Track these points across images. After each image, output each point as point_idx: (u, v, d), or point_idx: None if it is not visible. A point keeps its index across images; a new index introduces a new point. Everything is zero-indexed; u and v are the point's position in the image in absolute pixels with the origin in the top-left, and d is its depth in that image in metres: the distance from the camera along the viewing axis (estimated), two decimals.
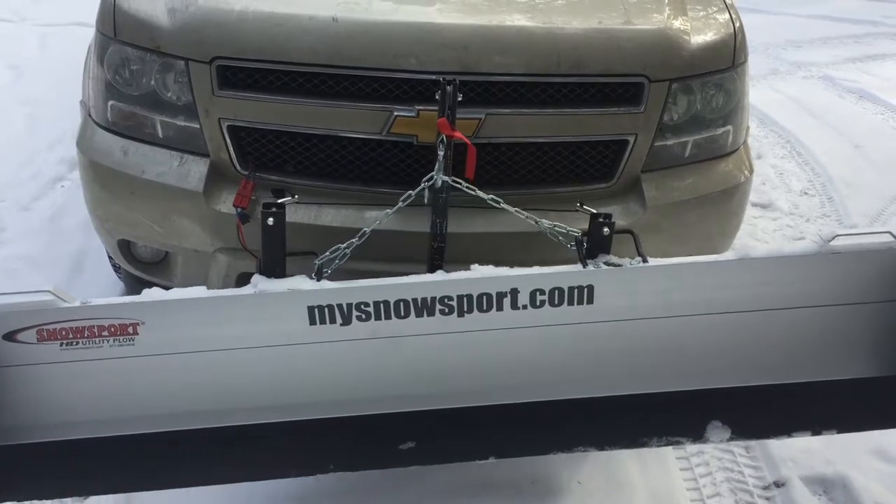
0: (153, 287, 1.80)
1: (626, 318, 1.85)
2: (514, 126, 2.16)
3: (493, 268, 1.81)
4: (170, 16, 2.14)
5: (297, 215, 2.15)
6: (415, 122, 2.07)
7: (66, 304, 1.70)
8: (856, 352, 1.91)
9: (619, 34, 2.18)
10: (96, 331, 1.72)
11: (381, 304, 1.77)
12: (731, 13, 2.42)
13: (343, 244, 1.87)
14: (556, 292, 1.79)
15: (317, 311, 1.76)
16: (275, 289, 1.76)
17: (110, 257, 2.83)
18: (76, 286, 3.27)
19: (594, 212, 1.90)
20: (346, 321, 1.78)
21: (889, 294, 1.86)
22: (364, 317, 1.78)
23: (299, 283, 1.77)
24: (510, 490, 2.39)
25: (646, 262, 1.82)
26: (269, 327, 1.79)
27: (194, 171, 2.22)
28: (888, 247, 1.81)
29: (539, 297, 1.79)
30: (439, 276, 1.81)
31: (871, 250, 1.81)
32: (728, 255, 1.86)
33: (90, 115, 2.40)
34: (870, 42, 8.38)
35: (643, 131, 2.25)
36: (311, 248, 1.89)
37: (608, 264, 1.81)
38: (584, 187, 2.30)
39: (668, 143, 2.33)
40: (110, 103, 2.28)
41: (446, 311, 1.78)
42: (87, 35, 2.50)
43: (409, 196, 1.92)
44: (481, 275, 1.79)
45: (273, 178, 2.21)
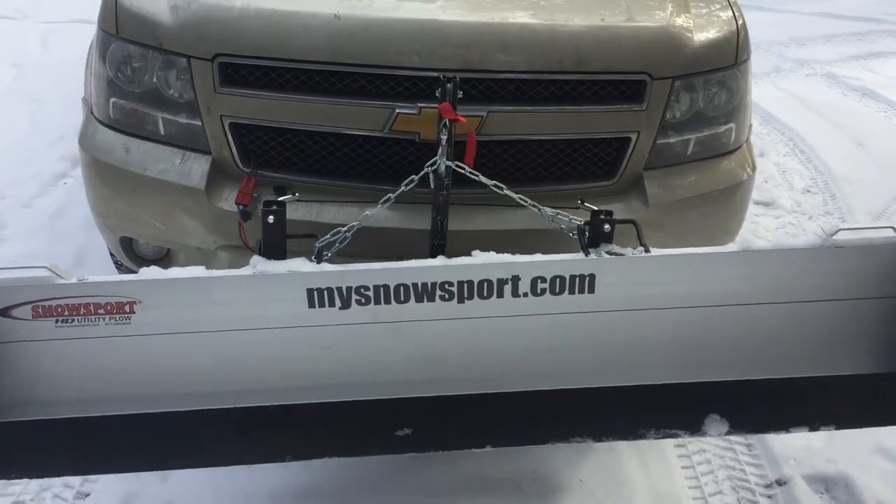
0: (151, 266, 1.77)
1: (626, 308, 1.84)
2: (516, 123, 2.15)
3: (495, 254, 1.80)
4: (172, 13, 2.14)
5: (298, 213, 2.14)
6: (417, 120, 2.07)
7: (63, 281, 1.68)
8: (856, 347, 1.91)
9: (622, 32, 2.18)
10: (92, 308, 1.70)
11: (381, 289, 1.76)
12: (733, 10, 2.42)
13: (344, 227, 1.87)
14: (558, 280, 1.79)
15: (316, 293, 1.75)
16: (274, 270, 1.74)
17: (112, 255, 2.83)
18: None
19: (595, 209, 1.90)
20: (346, 305, 1.77)
21: (890, 290, 1.86)
22: (363, 301, 1.77)
23: (299, 265, 1.76)
24: (511, 487, 2.39)
25: (648, 252, 1.82)
26: (268, 309, 1.77)
27: (196, 169, 2.22)
28: (890, 242, 1.80)
29: (540, 285, 1.79)
30: (440, 261, 1.81)
31: (874, 245, 1.80)
32: (731, 247, 1.85)
33: (92, 113, 2.40)
34: (873, 40, 8.37)
35: (645, 129, 2.25)
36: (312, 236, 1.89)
37: (610, 253, 1.81)
38: (587, 185, 2.30)
39: (671, 140, 2.33)
40: (112, 100, 2.28)
41: (446, 296, 1.78)
42: (90, 32, 2.50)
43: (411, 180, 1.91)
44: (482, 260, 1.79)
45: (275, 175, 2.21)
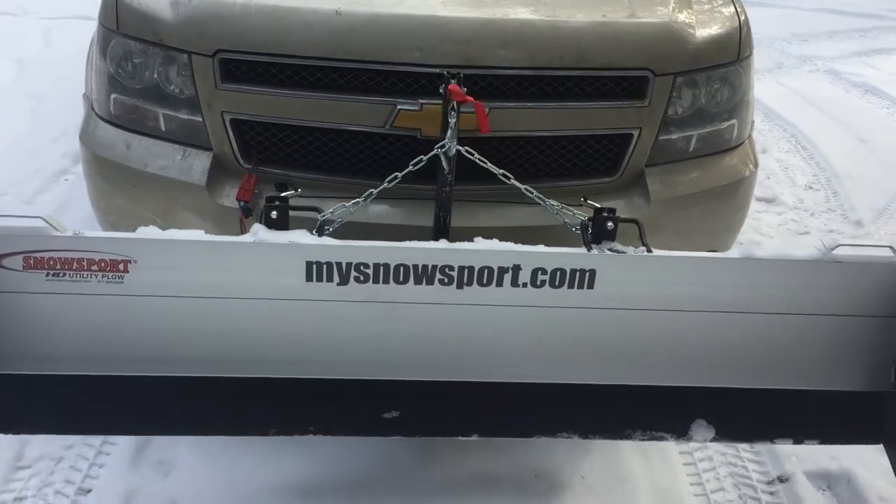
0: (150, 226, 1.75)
1: (623, 307, 1.84)
2: (517, 120, 2.15)
3: (498, 241, 1.80)
4: (172, 9, 2.14)
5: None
6: (418, 116, 2.07)
7: (57, 233, 1.65)
8: (846, 364, 1.91)
9: (624, 28, 2.17)
10: (85, 264, 1.67)
11: (381, 267, 1.75)
12: (736, 6, 2.41)
13: (348, 203, 1.86)
14: (558, 273, 1.78)
15: (315, 267, 1.74)
16: (275, 239, 1.73)
17: None
18: None
19: (598, 206, 1.89)
20: (344, 281, 1.76)
21: (885, 309, 1.86)
22: (362, 278, 1.75)
23: (300, 237, 1.75)
24: (513, 484, 2.39)
25: (650, 251, 1.82)
26: (264, 279, 1.75)
27: (197, 165, 2.22)
28: (889, 262, 1.81)
29: (540, 277, 1.78)
30: (443, 244, 1.80)
31: (872, 263, 1.81)
32: (731, 253, 1.86)
33: (93, 109, 2.40)
34: (876, 36, 8.35)
35: (647, 125, 2.24)
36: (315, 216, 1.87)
37: (612, 251, 1.82)
38: (588, 181, 2.30)
39: (673, 137, 2.32)
40: (113, 97, 2.28)
41: (446, 280, 1.77)
42: (91, 28, 2.49)
43: (419, 160, 1.90)
44: (485, 247, 1.78)
45: (276, 171, 2.21)
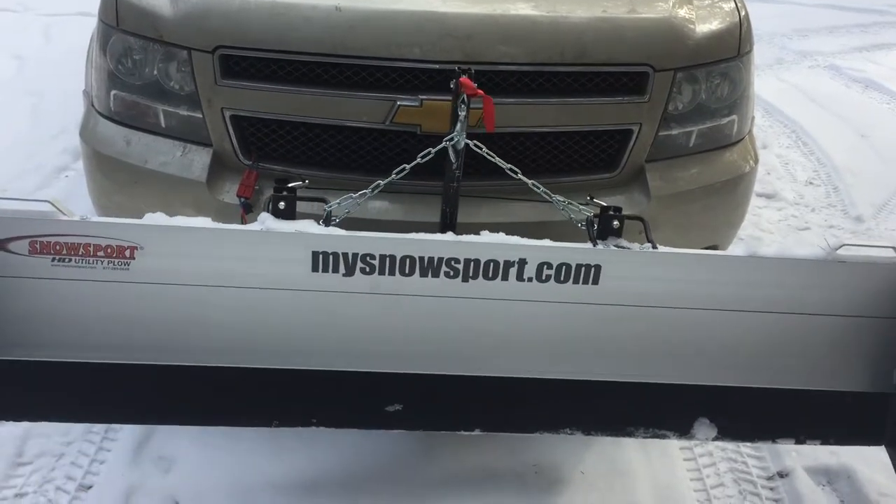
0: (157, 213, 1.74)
1: (627, 303, 1.84)
2: (518, 115, 2.15)
3: (504, 235, 1.80)
4: (172, 5, 2.13)
5: (300, 206, 2.13)
6: (418, 112, 2.07)
7: (65, 218, 1.64)
8: (849, 365, 1.91)
9: (624, 23, 2.17)
10: (91, 250, 1.66)
11: (387, 259, 1.74)
12: (736, 1, 2.40)
13: (355, 193, 1.85)
14: (564, 268, 1.78)
15: (321, 257, 1.73)
16: (282, 228, 1.73)
17: None
18: None
19: (604, 204, 1.90)
20: (349, 272, 1.75)
21: (889, 310, 1.87)
22: (368, 269, 1.75)
23: (307, 227, 1.74)
24: (514, 479, 2.39)
25: (655, 248, 1.82)
26: (270, 268, 1.74)
27: (197, 161, 2.21)
28: (893, 262, 1.81)
29: (546, 271, 1.78)
30: (449, 236, 1.80)
31: (875, 264, 1.81)
32: (736, 251, 1.86)
33: (93, 105, 2.40)
34: (876, 31, 8.35)
35: (648, 121, 2.24)
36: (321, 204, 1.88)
37: (618, 247, 1.82)
38: (589, 177, 2.30)
39: (673, 132, 2.32)
40: (113, 93, 2.28)
41: (451, 273, 1.77)
42: (91, 25, 2.49)
43: (428, 153, 1.90)
44: (491, 240, 1.78)
45: (276, 167, 2.21)
